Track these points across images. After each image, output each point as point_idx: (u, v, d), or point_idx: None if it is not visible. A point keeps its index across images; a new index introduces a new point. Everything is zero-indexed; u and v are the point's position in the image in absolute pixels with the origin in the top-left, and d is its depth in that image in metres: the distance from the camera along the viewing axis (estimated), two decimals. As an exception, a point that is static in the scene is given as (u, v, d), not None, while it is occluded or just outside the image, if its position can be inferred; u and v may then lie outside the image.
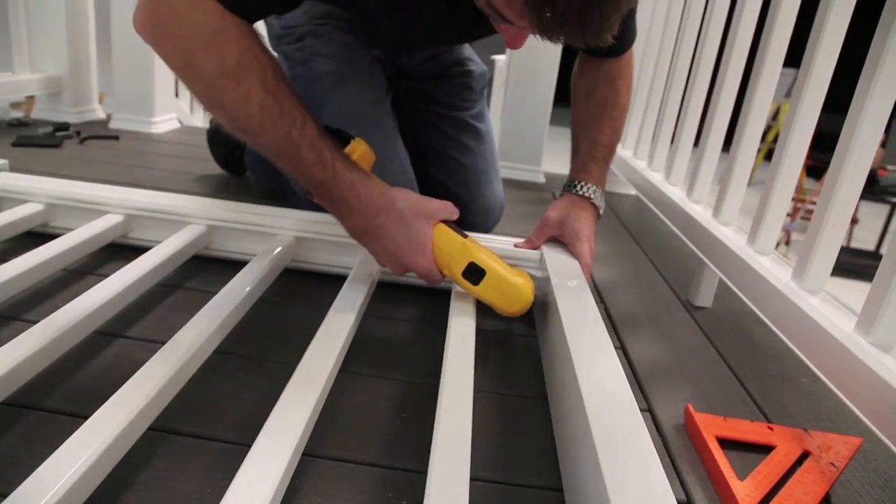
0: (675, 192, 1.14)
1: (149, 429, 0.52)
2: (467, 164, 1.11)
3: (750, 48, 0.96)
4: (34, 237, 0.87)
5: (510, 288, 0.74)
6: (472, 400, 0.55)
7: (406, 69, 1.09)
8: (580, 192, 0.90)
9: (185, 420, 0.57)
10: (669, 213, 1.13)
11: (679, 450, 0.62)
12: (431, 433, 0.51)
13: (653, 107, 1.40)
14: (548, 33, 0.57)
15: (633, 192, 1.70)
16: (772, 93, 0.87)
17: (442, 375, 0.59)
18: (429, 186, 1.09)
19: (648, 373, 0.76)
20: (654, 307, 0.98)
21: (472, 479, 0.53)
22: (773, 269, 0.77)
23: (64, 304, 0.64)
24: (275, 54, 0.80)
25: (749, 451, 0.63)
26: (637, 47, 1.57)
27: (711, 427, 0.64)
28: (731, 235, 0.89)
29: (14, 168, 0.99)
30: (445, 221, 0.75)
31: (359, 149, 0.76)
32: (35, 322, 0.60)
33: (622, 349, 0.82)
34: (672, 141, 1.22)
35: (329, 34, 1.00)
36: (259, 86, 0.65)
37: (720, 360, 0.82)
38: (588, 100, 0.94)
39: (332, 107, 0.97)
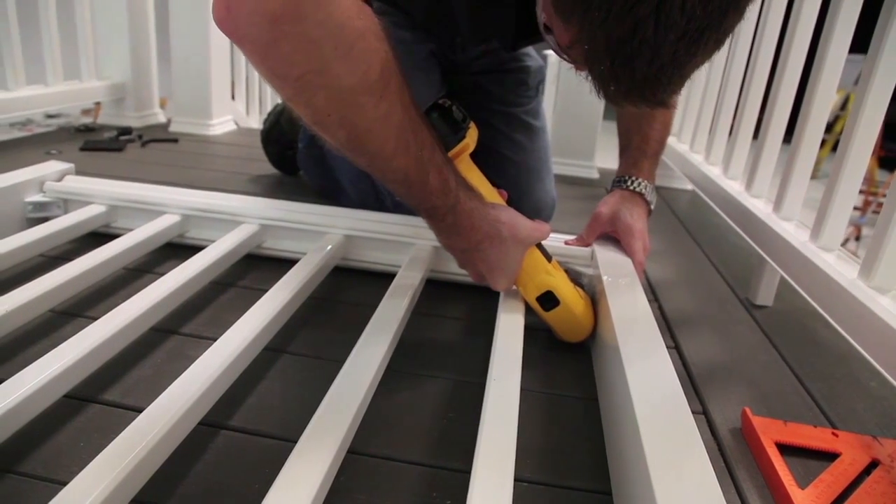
0: (734, 187, 1.09)
1: (199, 423, 0.53)
2: (518, 162, 1.10)
3: (813, 32, 0.91)
4: (97, 237, 0.91)
5: (576, 324, 0.74)
6: (518, 399, 0.54)
7: (462, 64, 1.07)
8: (632, 188, 0.88)
9: (234, 416, 0.58)
10: (727, 208, 1.08)
11: (735, 455, 0.59)
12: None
13: (710, 97, 1.35)
14: (610, 101, 0.55)
15: (689, 186, 1.65)
16: (836, 80, 0.83)
17: (488, 374, 0.59)
18: None
19: (704, 374, 0.73)
20: (711, 306, 0.95)
21: (519, 480, 0.53)
22: (838, 266, 0.73)
23: (124, 301, 0.67)
24: None
25: (811, 458, 0.60)
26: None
27: (770, 431, 0.61)
28: (792, 231, 0.85)
29: (81, 171, 1.04)
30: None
31: (475, 133, 0.74)
32: (97, 318, 0.63)
33: (676, 349, 0.79)
34: (730, 133, 1.17)
35: (385, 30, 1.00)
36: (399, 103, 0.57)
37: (781, 361, 0.79)
38: None
39: None
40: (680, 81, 0.51)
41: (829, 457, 0.60)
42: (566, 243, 0.89)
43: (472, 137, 0.72)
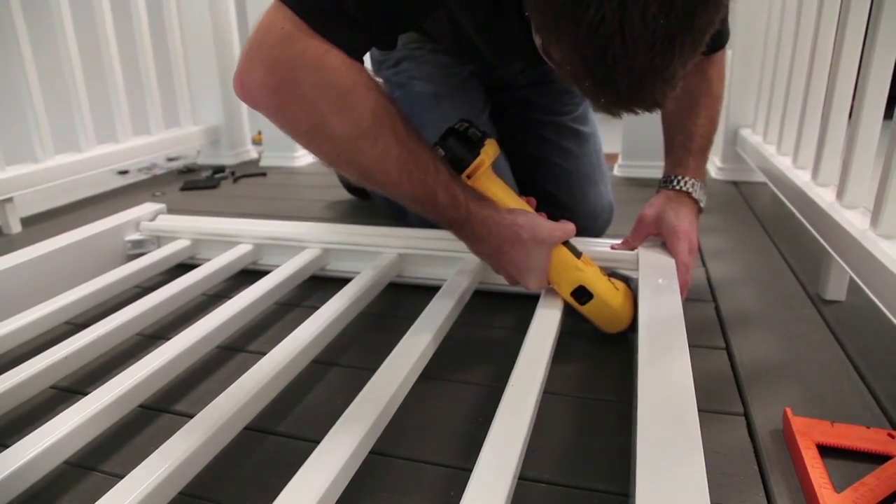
0: (801, 176, 1.04)
1: (248, 429, 0.59)
2: (570, 169, 1.11)
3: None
4: (185, 268, 1.02)
5: (612, 315, 0.77)
6: (534, 401, 0.56)
7: (505, 80, 1.10)
8: (677, 187, 0.87)
9: (282, 423, 0.64)
10: (795, 199, 1.03)
11: (772, 457, 0.57)
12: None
13: (780, 81, 1.28)
14: (605, 112, 0.57)
15: (771, 179, 1.57)
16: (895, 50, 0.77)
17: (509, 379, 0.61)
18: (534, 196, 1.09)
19: (752, 374, 0.71)
20: (776, 303, 0.90)
21: (536, 481, 0.55)
22: (898, 255, 0.68)
23: (200, 324, 0.75)
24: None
25: (861, 461, 0.57)
26: (758, 22, 1.45)
27: (813, 432, 0.58)
28: (853, 219, 0.80)
29: (181, 209, 1.17)
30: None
31: (492, 150, 0.77)
32: (175, 341, 0.71)
33: (727, 349, 0.77)
34: (799, 119, 1.11)
35: (424, 56, 1.05)
36: (394, 140, 0.64)
37: (845, 359, 0.74)
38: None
39: (429, 128, 1.02)
40: (665, 83, 0.51)
41: (882, 460, 0.56)
42: (612, 247, 0.89)
43: (487, 154, 0.75)
